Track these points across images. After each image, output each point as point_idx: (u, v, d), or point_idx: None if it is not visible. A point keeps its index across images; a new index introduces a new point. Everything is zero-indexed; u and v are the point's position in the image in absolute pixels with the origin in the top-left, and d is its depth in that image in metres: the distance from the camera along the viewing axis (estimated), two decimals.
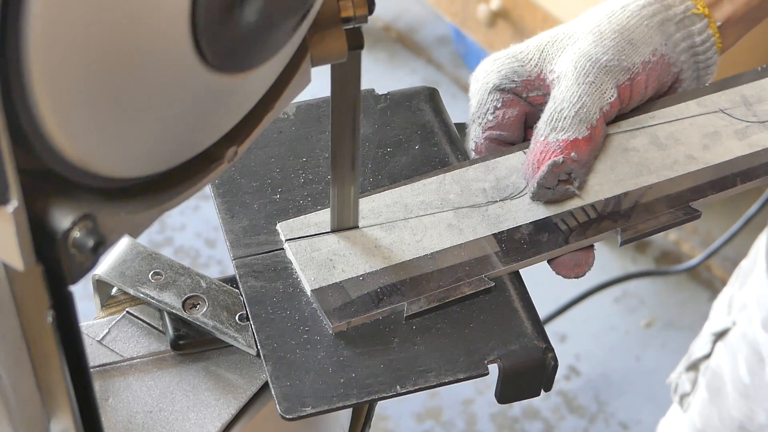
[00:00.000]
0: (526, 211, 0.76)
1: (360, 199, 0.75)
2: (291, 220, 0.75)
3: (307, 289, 0.72)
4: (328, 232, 0.75)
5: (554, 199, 0.77)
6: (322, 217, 0.75)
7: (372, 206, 0.76)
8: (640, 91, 0.80)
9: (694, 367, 1.24)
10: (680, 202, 0.77)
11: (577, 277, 0.77)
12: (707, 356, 1.22)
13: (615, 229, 0.75)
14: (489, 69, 0.80)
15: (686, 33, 0.81)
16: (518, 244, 0.74)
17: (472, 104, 0.81)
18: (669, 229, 0.77)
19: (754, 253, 1.16)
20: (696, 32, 0.81)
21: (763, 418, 1.15)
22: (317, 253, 0.73)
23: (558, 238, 0.75)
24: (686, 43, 0.81)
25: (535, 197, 0.77)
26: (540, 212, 0.76)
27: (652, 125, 0.81)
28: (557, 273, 0.77)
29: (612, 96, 0.78)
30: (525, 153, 0.79)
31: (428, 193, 0.77)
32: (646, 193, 0.77)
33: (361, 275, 0.72)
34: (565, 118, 0.76)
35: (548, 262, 0.76)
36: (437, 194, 0.77)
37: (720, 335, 1.20)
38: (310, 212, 0.76)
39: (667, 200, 0.77)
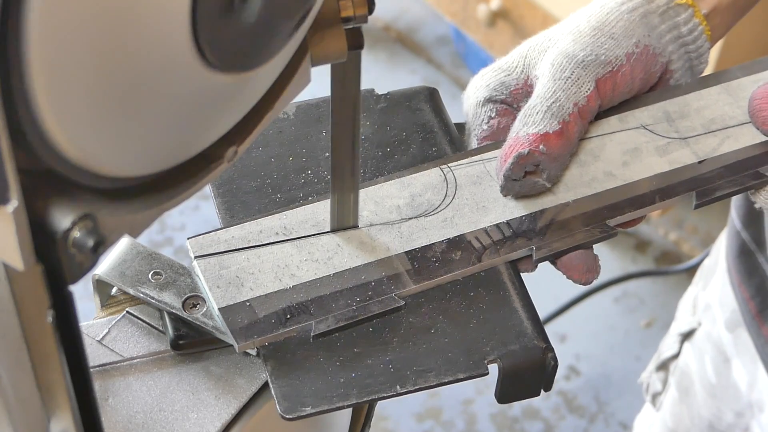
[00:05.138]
0: (440, 229, 0.75)
1: (271, 216, 0.75)
2: (201, 236, 0.74)
3: (214, 308, 0.71)
4: (238, 249, 0.73)
5: (523, 192, 0.76)
6: (232, 234, 0.74)
7: (283, 223, 0.75)
8: (627, 83, 0.80)
9: (663, 366, 1.25)
10: (596, 219, 0.76)
11: (587, 283, 0.76)
12: (676, 356, 1.22)
13: (529, 247, 0.75)
14: (478, 85, 0.81)
15: (671, 24, 0.81)
16: (430, 262, 0.74)
17: (467, 121, 0.81)
18: (586, 248, 0.76)
19: (716, 253, 1.16)
20: (682, 22, 0.81)
21: (731, 417, 1.15)
22: (226, 271, 0.72)
23: (471, 256, 0.74)
24: (672, 34, 0.81)
25: (504, 190, 0.76)
26: (454, 230, 0.75)
27: None
28: (569, 277, 0.76)
29: (589, 89, 0.77)
30: (441, 169, 0.79)
31: None
32: (563, 211, 0.77)
33: (269, 293, 0.71)
34: (537, 113, 0.76)
35: (559, 266, 0.76)
36: None
37: (687, 335, 1.20)
38: (221, 229, 0.75)
39: (584, 218, 0.76)
